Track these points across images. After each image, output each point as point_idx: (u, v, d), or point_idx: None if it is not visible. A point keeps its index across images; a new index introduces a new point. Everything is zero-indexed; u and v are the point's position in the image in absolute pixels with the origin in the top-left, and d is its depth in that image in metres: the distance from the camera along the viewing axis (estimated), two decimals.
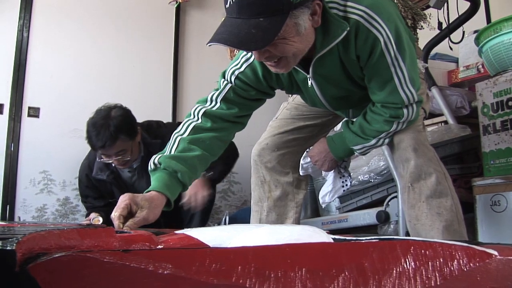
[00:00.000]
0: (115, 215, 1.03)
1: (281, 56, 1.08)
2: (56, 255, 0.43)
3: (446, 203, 1.31)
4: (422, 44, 2.43)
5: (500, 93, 1.65)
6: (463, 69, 2.55)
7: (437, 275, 0.58)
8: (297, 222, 1.61)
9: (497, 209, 1.57)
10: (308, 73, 1.24)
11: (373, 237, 0.78)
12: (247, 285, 0.50)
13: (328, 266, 0.54)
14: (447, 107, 2.21)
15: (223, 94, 1.31)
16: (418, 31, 2.38)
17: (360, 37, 1.12)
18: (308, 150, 1.57)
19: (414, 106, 1.27)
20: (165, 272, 0.46)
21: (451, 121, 2.17)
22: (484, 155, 1.68)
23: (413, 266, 0.57)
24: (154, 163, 1.20)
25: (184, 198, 2.00)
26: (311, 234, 0.70)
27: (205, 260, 0.49)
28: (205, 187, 2.09)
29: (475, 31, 2.30)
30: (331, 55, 1.17)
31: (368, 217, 1.99)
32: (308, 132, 1.60)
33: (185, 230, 0.81)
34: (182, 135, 1.27)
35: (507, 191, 1.55)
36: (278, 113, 1.67)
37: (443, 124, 2.25)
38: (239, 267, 0.50)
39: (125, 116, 2.09)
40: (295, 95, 1.61)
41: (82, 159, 2.36)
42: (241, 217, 2.54)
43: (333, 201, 1.91)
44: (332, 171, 1.56)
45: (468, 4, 2.18)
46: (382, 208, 1.91)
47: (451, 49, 2.44)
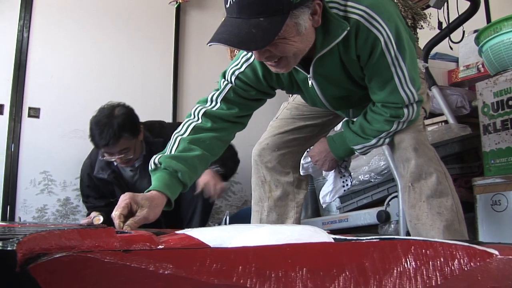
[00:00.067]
0: (115, 214, 1.03)
1: (282, 56, 1.08)
2: (56, 256, 0.43)
3: (446, 202, 1.31)
4: (422, 43, 2.43)
5: (500, 92, 1.65)
6: (463, 69, 2.55)
7: (437, 274, 0.58)
8: (298, 222, 1.61)
9: (497, 208, 1.57)
10: (308, 73, 1.24)
11: (373, 237, 0.78)
12: (248, 285, 0.50)
13: (328, 266, 0.54)
14: (448, 107, 2.21)
15: (223, 94, 1.31)
16: (418, 30, 2.39)
17: (360, 37, 1.12)
18: (308, 150, 1.57)
19: (414, 105, 1.27)
20: (166, 272, 0.46)
21: (451, 120, 2.17)
22: (484, 155, 1.68)
23: (414, 265, 0.57)
24: (154, 163, 1.20)
25: (198, 188, 2.01)
26: (311, 234, 0.70)
27: (206, 260, 0.49)
28: (218, 178, 2.08)
29: (475, 31, 2.30)
30: (331, 55, 1.17)
31: (368, 217, 1.99)
32: (308, 132, 1.60)
33: (185, 230, 0.81)
34: (182, 135, 1.27)
35: (508, 191, 1.55)
36: (278, 113, 1.67)
37: (443, 123, 2.25)
38: (240, 267, 0.50)
39: (128, 114, 2.09)
40: (295, 95, 1.61)
41: (82, 160, 2.36)
42: (242, 217, 2.54)
43: (333, 201, 1.91)
44: (332, 171, 1.56)
45: (468, 3, 2.17)
46: (382, 208, 1.91)
47: (451, 48, 2.44)
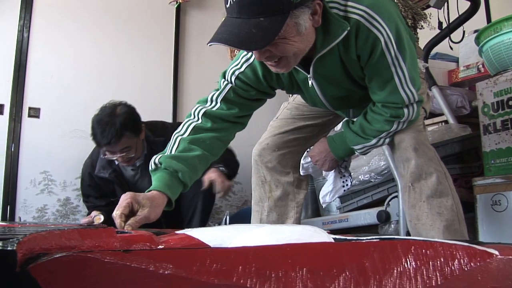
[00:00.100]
0: (116, 213, 1.03)
1: (282, 56, 1.08)
2: (56, 256, 0.43)
3: (446, 202, 1.31)
4: (422, 43, 2.43)
5: (500, 92, 1.65)
6: (464, 69, 2.55)
7: (438, 274, 0.58)
8: (298, 222, 1.61)
9: (497, 208, 1.57)
10: (308, 73, 1.24)
11: (373, 237, 0.78)
12: (248, 285, 0.50)
13: (329, 266, 0.54)
14: (448, 107, 2.21)
15: (223, 94, 1.31)
16: (418, 30, 2.39)
17: (360, 37, 1.12)
18: (308, 150, 1.57)
19: (414, 105, 1.27)
20: (166, 272, 0.46)
21: (451, 120, 2.17)
22: (484, 155, 1.68)
23: (414, 265, 0.57)
24: (154, 163, 1.20)
25: (204, 184, 2.04)
26: (311, 234, 0.70)
27: (206, 260, 0.49)
28: (224, 177, 2.11)
29: (475, 31, 2.30)
30: (331, 55, 1.17)
31: (368, 217, 1.99)
32: (308, 132, 1.59)
33: (185, 230, 0.81)
34: (182, 135, 1.27)
35: (508, 191, 1.55)
36: (278, 113, 1.67)
37: (443, 123, 2.25)
38: (240, 267, 0.50)
39: (130, 113, 2.10)
40: (295, 95, 1.61)
41: (82, 160, 2.35)
42: (242, 217, 2.54)
43: (333, 201, 1.91)
44: (332, 171, 1.56)
45: (468, 3, 2.17)
46: (382, 208, 1.91)
47: (451, 48, 2.44)
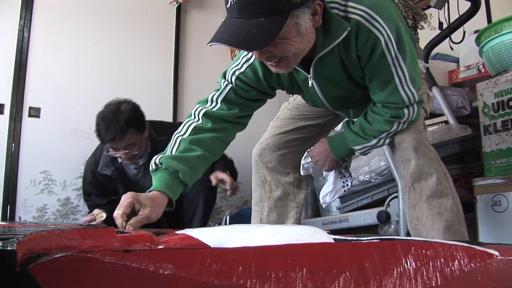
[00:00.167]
0: (118, 213, 1.03)
1: (282, 56, 1.08)
2: (56, 256, 0.43)
3: (447, 203, 1.30)
4: (422, 44, 2.42)
5: (501, 93, 1.65)
6: (464, 69, 2.55)
7: (438, 275, 0.58)
8: (298, 222, 1.61)
9: (498, 209, 1.57)
10: (308, 73, 1.24)
11: (374, 237, 0.78)
12: (248, 286, 0.49)
13: (329, 266, 0.54)
14: (448, 107, 2.21)
15: (224, 94, 1.31)
16: (418, 31, 2.38)
17: (360, 37, 1.12)
18: (309, 150, 1.57)
19: (415, 106, 1.27)
20: (166, 272, 0.46)
21: (451, 121, 2.17)
22: (485, 155, 1.68)
23: (414, 266, 0.57)
24: (155, 163, 1.20)
25: (213, 181, 2.13)
26: (311, 234, 0.70)
27: (206, 260, 0.49)
28: (231, 177, 2.18)
29: (475, 31, 2.30)
30: (331, 55, 1.17)
31: (368, 217, 1.99)
32: (309, 132, 1.59)
33: (185, 230, 0.81)
34: (183, 135, 1.27)
35: (508, 191, 1.55)
36: (279, 113, 1.67)
37: (443, 124, 2.25)
38: (240, 267, 0.50)
39: (134, 110, 2.12)
40: (296, 95, 1.61)
41: (83, 159, 2.36)
42: (242, 217, 2.54)
43: (333, 201, 1.91)
44: (333, 171, 1.56)
45: (468, 4, 2.17)
46: (382, 208, 1.91)
47: (451, 49, 2.43)
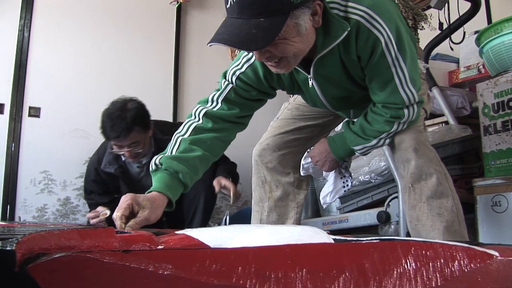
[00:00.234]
0: (117, 215, 1.03)
1: (282, 56, 1.08)
2: (56, 256, 0.43)
3: (446, 203, 1.30)
4: (423, 44, 2.42)
5: (501, 93, 1.65)
6: (464, 70, 2.55)
7: (438, 276, 0.57)
8: (298, 222, 1.61)
9: (498, 209, 1.57)
10: (309, 73, 1.24)
11: (373, 238, 0.78)
12: (248, 286, 0.49)
13: (328, 266, 0.54)
14: (448, 108, 2.21)
15: (224, 94, 1.31)
16: (419, 31, 2.38)
17: (361, 37, 1.12)
18: (309, 150, 1.57)
19: (415, 106, 1.27)
20: (166, 272, 0.46)
21: (452, 121, 2.17)
22: (484, 156, 1.68)
23: (414, 266, 0.57)
24: (155, 164, 1.20)
25: (216, 188, 2.17)
26: (311, 234, 0.70)
27: (206, 260, 0.49)
28: (234, 185, 2.21)
29: (476, 32, 2.30)
30: (332, 55, 1.17)
31: (368, 217, 1.99)
32: (309, 132, 1.59)
33: (185, 230, 0.81)
34: (183, 135, 1.27)
35: (508, 192, 1.55)
36: (279, 113, 1.67)
37: (444, 124, 2.25)
38: (240, 268, 0.50)
39: (140, 108, 2.12)
40: (296, 95, 1.61)
41: (83, 159, 2.36)
42: (242, 217, 2.54)
43: (334, 201, 1.90)
44: (333, 172, 1.56)
45: (468, 4, 2.17)
46: (382, 208, 1.91)
47: (452, 49, 2.43)
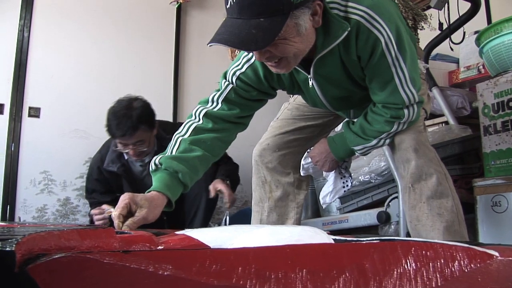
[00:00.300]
0: (115, 214, 1.04)
1: (282, 56, 1.08)
2: (56, 256, 0.43)
3: (446, 203, 1.30)
4: (423, 44, 2.43)
5: (501, 93, 1.65)
6: (464, 70, 2.55)
7: (438, 276, 0.57)
8: (298, 222, 1.61)
9: (498, 209, 1.57)
10: (309, 74, 1.24)
11: (374, 238, 0.78)
12: (248, 286, 0.49)
13: (328, 267, 0.54)
14: (448, 108, 2.21)
15: (224, 94, 1.31)
16: (419, 31, 2.38)
17: (361, 37, 1.12)
18: (309, 150, 1.57)
19: (415, 106, 1.27)
20: (166, 273, 0.46)
21: (452, 121, 2.17)
22: (484, 156, 1.68)
23: (414, 267, 0.57)
24: (155, 164, 1.20)
25: (211, 193, 2.16)
26: (311, 234, 0.70)
27: (206, 261, 0.49)
28: (230, 188, 2.20)
29: (475, 32, 2.30)
30: (332, 55, 1.17)
31: (368, 217, 1.99)
32: (309, 132, 1.59)
33: (185, 230, 0.81)
34: (183, 136, 1.27)
35: (508, 192, 1.55)
36: (279, 113, 1.67)
37: (444, 124, 2.25)
38: (240, 268, 0.50)
39: (146, 107, 2.13)
40: (296, 96, 1.61)
41: (83, 159, 2.36)
42: (242, 217, 2.54)
43: (333, 201, 1.91)
44: (333, 172, 1.55)
45: (468, 4, 2.17)
46: (382, 208, 1.91)
47: (452, 49, 2.43)
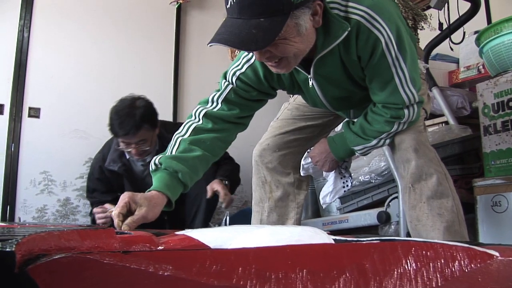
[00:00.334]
0: (114, 213, 1.04)
1: (282, 56, 1.08)
2: (56, 257, 0.43)
3: (447, 203, 1.30)
4: (423, 44, 2.42)
5: (500, 93, 1.65)
6: (464, 70, 2.55)
7: (438, 276, 0.57)
8: (298, 222, 1.61)
9: (498, 209, 1.57)
10: (309, 74, 1.24)
11: (374, 238, 0.78)
12: (248, 287, 0.49)
13: (329, 267, 0.54)
14: (448, 108, 2.21)
15: (224, 95, 1.31)
16: (418, 31, 2.38)
17: (361, 37, 1.12)
18: (309, 150, 1.57)
19: (415, 106, 1.27)
20: (166, 273, 0.46)
21: (452, 121, 2.17)
22: (484, 156, 1.68)
23: (414, 267, 0.57)
24: (155, 164, 1.20)
25: (208, 193, 2.14)
26: (311, 235, 0.70)
27: (206, 261, 0.49)
28: (227, 189, 2.19)
29: (475, 32, 2.30)
30: (332, 55, 1.17)
31: (369, 217, 1.99)
32: (309, 132, 1.59)
33: (185, 231, 0.81)
34: (183, 136, 1.27)
35: (508, 192, 1.55)
36: (279, 113, 1.67)
37: (444, 124, 2.25)
38: (240, 269, 0.50)
39: (149, 106, 2.14)
40: (296, 96, 1.61)
41: (83, 160, 2.36)
42: (242, 217, 2.54)
43: (334, 201, 1.91)
44: (333, 172, 1.55)
45: (468, 4, 2.17)
46: (383, 208, 1.91)
47: (451, 49, 2.43)
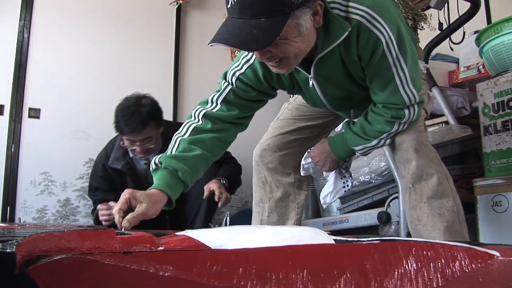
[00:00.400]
0: (115, 209, 1.05)
1: (283, 56, 1.08)
2: (56, 257, 0.43)
3: (447, 203, 1.30)
4: (423, 44, 2.42)
5: (501, 93, 1.65)
6: (464, 70, 2.55)
7: (438, 276, 0.57)
8: (299, 223, 1.61)
9: (498, 209, 1.57)
10: (309, 73, 1.24)
11: (374, 238, 0.78)
12: (248, 287, 0.49)
13: (329, 267, 0.54)
14: (448, 108, 2.21)
15: (224, 95, 1.32)
16: (418, 31, 2.38)
17: (361, 37, 1.12)
18: (309, 150, 1.57)
19: (415, 106, 1.27)
20: (166, 274, 0.46)
21: (452, 121, 2.17)
22: (485, 156, 1.68)
23: (415, 267, 0.57)
24: (155, 163, 1.21)
25: (205, 193, 2.12)
26: (312, 235, 0.70)
27: (206, 262, 0.49)
28: (224, 188, 2.18)
29: (475, 32, 2.30)
30: (332, 55, 1.17)
31: (369, 217, 1.99)
32: (309, 132, 1.59)
33: (186, 231, 0.81)
34: (182, 136, 1.28)
35: (508, 192, 1.55)
36: (279, 113, 1.67)
37: (444, 124, 2.25)
38: (240, 269, 0.50)
39: (154, 105, 2.15)
40: (296, 96, 1.61)
41: (83, 160, 2.35)
42: (242, 218, 2.53)
43: (334, 201, 1.91)
44: (333, 172, 1.55)
45: (468, 4, 2.17)
46: (383, 208, 1.91)
47: (451, 49, 2.43)
